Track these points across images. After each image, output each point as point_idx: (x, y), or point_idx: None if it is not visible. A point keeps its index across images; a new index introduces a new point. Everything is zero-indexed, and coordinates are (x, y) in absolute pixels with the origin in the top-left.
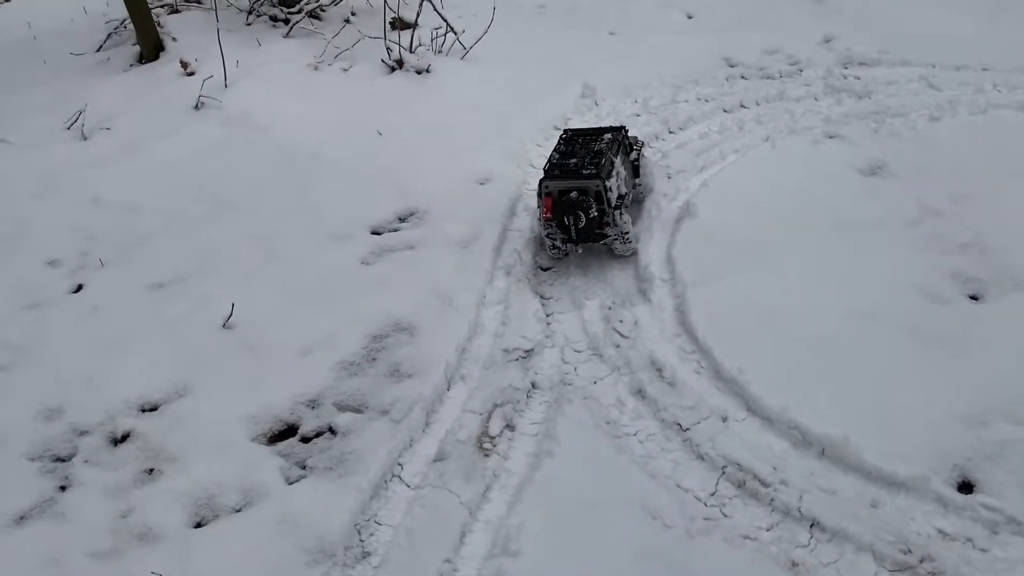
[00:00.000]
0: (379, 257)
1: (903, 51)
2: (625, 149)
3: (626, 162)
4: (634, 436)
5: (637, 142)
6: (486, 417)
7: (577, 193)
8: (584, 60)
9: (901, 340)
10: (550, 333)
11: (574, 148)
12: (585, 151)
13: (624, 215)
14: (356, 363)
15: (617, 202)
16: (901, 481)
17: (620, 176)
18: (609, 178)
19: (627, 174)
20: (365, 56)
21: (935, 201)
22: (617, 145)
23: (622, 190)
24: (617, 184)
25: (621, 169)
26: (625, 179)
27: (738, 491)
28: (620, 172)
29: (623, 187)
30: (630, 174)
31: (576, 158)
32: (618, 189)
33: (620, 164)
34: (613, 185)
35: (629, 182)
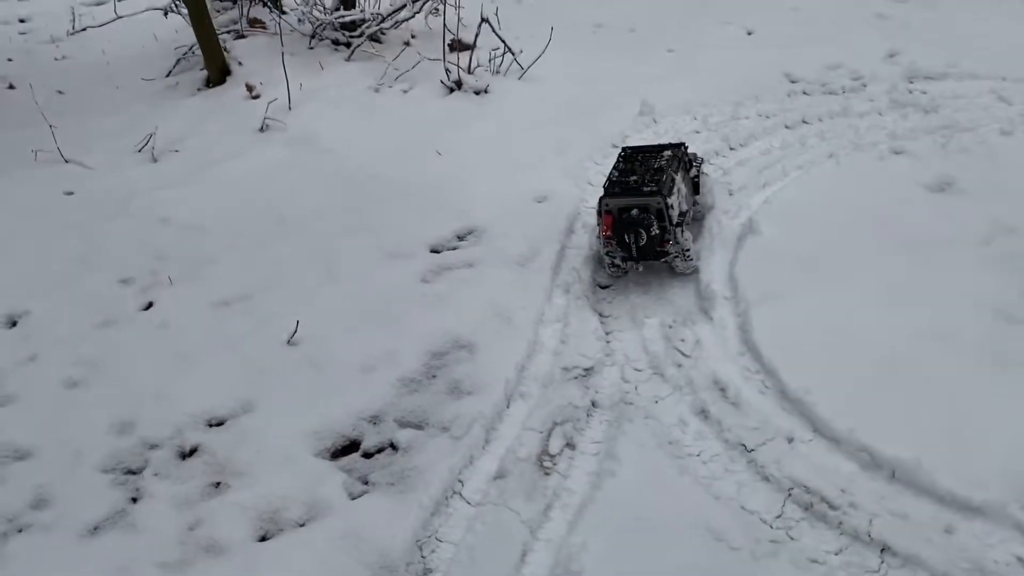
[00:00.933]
0: (438, 275)
1: (971, 64)
2: (685, 166)
3: (686, 179)
4: (697, 457)
5: (697, 159)
6: (546, 435)
7: (638, 211)
8: (642, 77)
9: (973, 361)
10: (610, 351)
11: (634, 165)
12: (645, 168)
13: (685, 232)
14: (416, 380)
15: (678, 219)
16: (977, 506)
17: (681, 193)
18: (670, 195)
19: (687, 191)
20: (425, 78)
21: (1008, 218)
22: (677, 162)
23: (683, 207)
24: (678, 201)
25: (682, 186)
26: (685, 196)
27: (805, 514)
28: (681, 189)
29: (684, 204)
30: (690, 191)
31: (636, 175)
32: (679, 206)
33: (680, 181)
34: (674, 202)
35: (689, 199)
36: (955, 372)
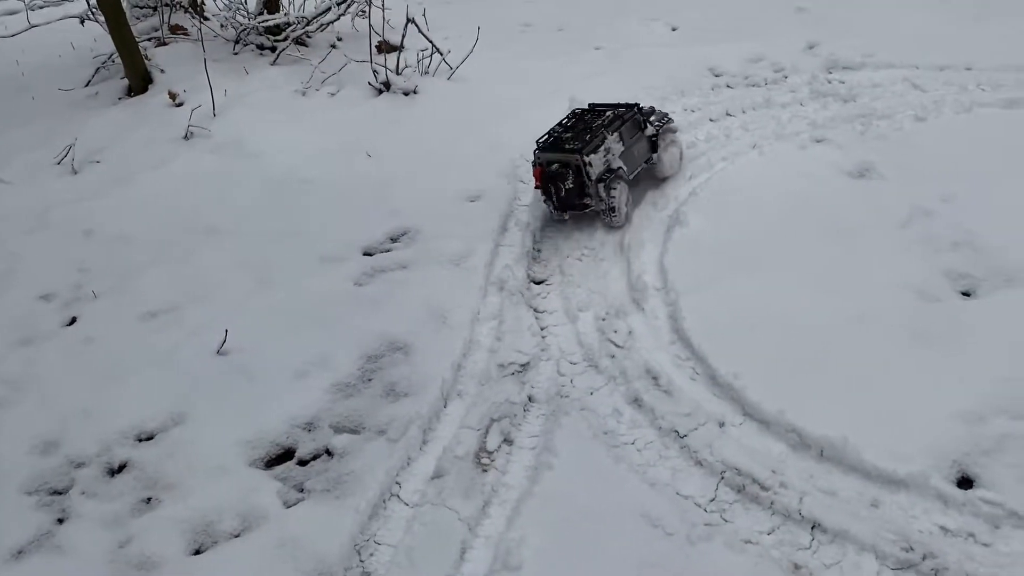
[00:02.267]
0: (372, 278)
1: (887, 54)
2: (637, 125)
3: (637, 138)
4: (632, 445)
5: (664, 120)
6: (483, 433)
7: (558, 166)
8: (571, 75)
9: (896, 340)
10: (545, 346)
11: (575, 123)
12: (583, 127)
13: (614, 189)
14: (352, 384)
15: (604, 176)
16: (901, 479)
17: (611, 152)
18: (592, 153)
19: (630, 150)
20: (352, 80)
21: (925, 201)
22: (620, 122)
23: (613, 165)
24: (606, 159)
25: (615, 145)
26: (623, 155)
27: (738, 496)
28: (611, 148)
29: (616, 162)
30: (641, 150)
31: (571, 132)
32: (606, 164)
33: (614, 140)
34: (597, 160)
35: (635, 158)
36: (879, 352)
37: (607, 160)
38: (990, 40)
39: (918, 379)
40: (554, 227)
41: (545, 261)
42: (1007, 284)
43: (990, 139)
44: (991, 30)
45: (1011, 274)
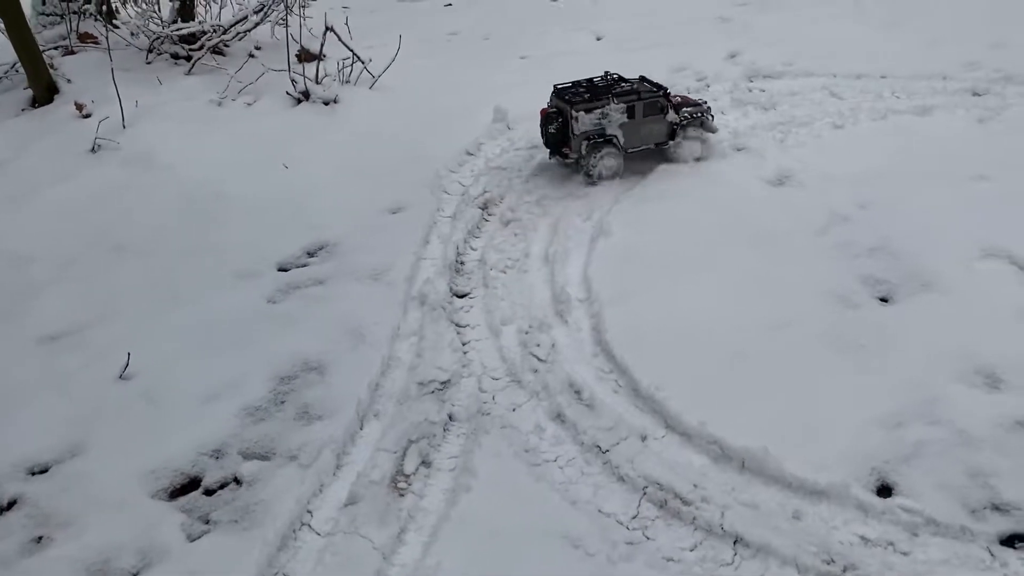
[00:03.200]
0: (287, 295)
1: (806, 62)
2: (656, 107)
3: (653, 119)
4: (554, 462)
5: (696, 115)
6: (400, 455)
7: (556, 111)
8: (496, 85)
9: (816, 347)
10: (467, 362)
11: (595, 84)
12: (602, 89)
13: (597, 151)
14: (263, 407)
15: (591, 136)
16: (822, 489)
17: (609, 118)
18: (584, 111)
19: (637, 126)
20: (270, 90)
21: (842, 207)
22: (634, 96)
23: (607, 130)
24: (599, 122)
25: (615, 114)
26: (625, 126)
27: (660, 511)
28: (610, 116)
29: (612, 129)
30: (654, 131)
31: (585, 89)
32: (597, 127)
33: (618, 110)
34: (586, 119)
35: (641, 135)
36: (798, 359)
37: (600, 124)
38: (904, 49)
39: (838, 386)
40: (478, 239)
41: (469, 274)
42: (923, 289)
43: (904, 146)
44: (904, 39)
45: (927, 279)
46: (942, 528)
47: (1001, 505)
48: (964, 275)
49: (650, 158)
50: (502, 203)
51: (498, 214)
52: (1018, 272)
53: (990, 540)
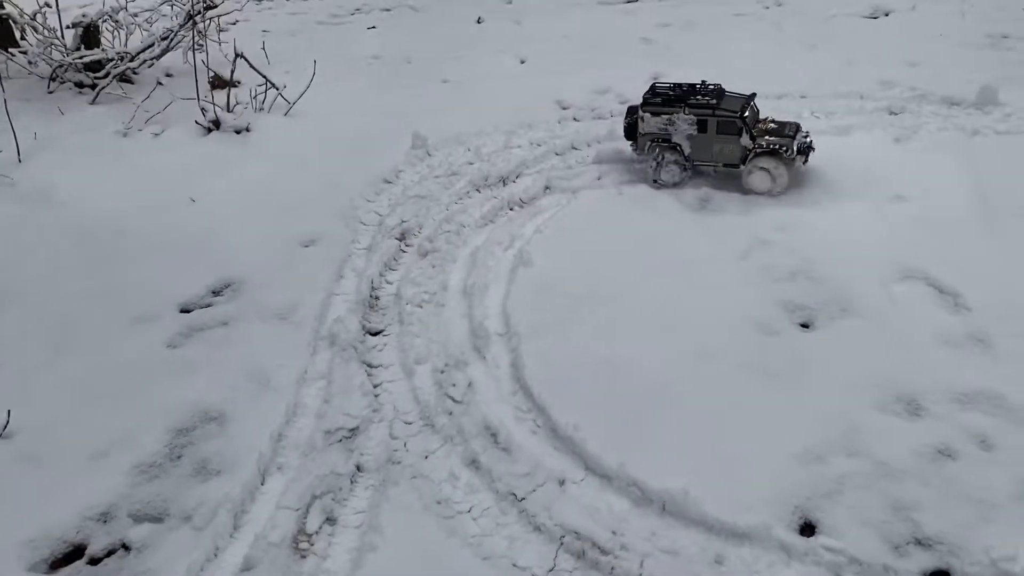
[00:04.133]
0: (187, 338)
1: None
2: (731, 127)
3: (724, 138)
4: (467, 513)
5: (776, 145)
6: (303, 512)
7: (635, 106)
8: (417, 110)
9: (737, 378)
10: (378, 406)
11: (684, 90)
12: (684, 96)
13: (658, 156)
14: (157, 464)
15: (655, 139)
16: (743, 532)
17: (676, 127)
18: (651, 114)
19: (706, 141)
20: (180, 119)
21: (762, 231)
22: (708, 111)
23: (672, 137)
24: (664, 128)
25: (683, 124)
26: (692, 138)
27: (578, 563)
28: (678, 124)
29: (677, 137)
30: (724, 150)
31: (670, 92)
32: (662, 131)
33: (686, 121)
34: (652, 122)
35: (707, 151)
36: (720, 391)
37: (666, 129)
38: (822, 68)
39: (759, 419)
40: (395, 271)
41: (383, 309)
42: (843, 314)
43: (823, 166)
44: (822, 59)
45: (846, 303)
46: (865, 567)
47: (923, 540)
48: (883, 298)
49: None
50: (420, 233)
51: (416, 244)
52: (936, 294)
53: None
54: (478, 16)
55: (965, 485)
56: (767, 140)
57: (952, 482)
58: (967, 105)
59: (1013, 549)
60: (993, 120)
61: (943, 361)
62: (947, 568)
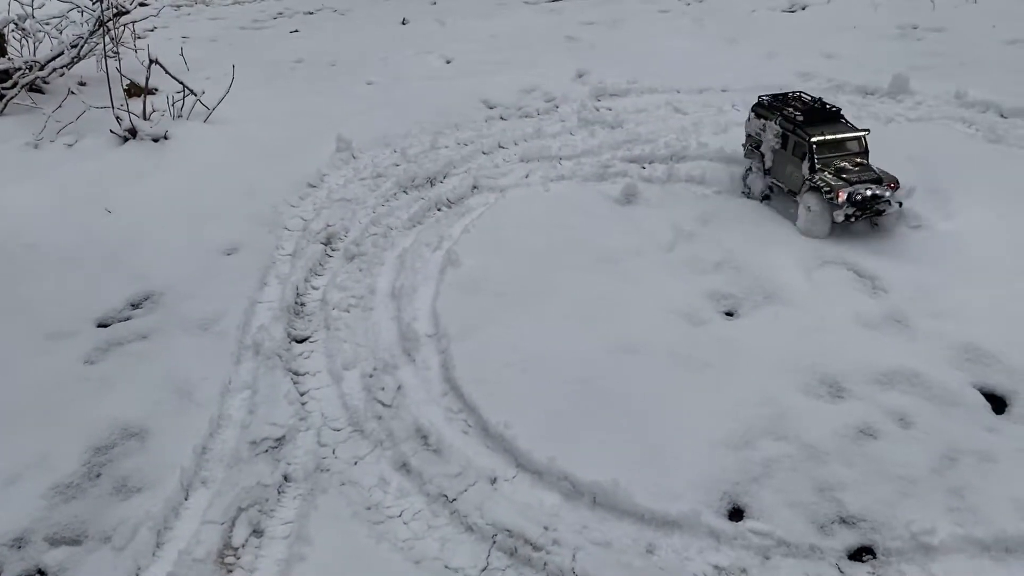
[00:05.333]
0: (105, 353)
1: (651, 79)
2: (802, 154)
3: (794, 162)
4: (398, 518)
5: (844, 189)
6: (229, 526)
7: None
8: (341, 112)
9: (664, 369)
10: (305, 414)
11: (807, 102)
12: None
13: (749, 157)
14: (74, 484)
15: (751, 138)
16: (673, 520)
17: (765, 137)
18: (755, 116)
19: (781, 160)
20: (94, 128)
21: (687, 223)
22: (791, 133)
23: (762, 146)
24: (759, 133)
25: (771, 137)
26: (773, 152)
27: (511, 560)
28: (767, 135)
29: (764, 146)
30: (787, 173)
31: (791, 100)
32: (757, 135)
33: (774, 134)
34: (754, 124)
35: (779, 170)
36: (648, 382)
37: (760, 135)
38: (742, 63)
39: (687, 407)
40: (321, 277)
41: (309, 316)
42: (766, 301)
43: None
44: (743, 53)
45: (769, 290)
46: (792, 548)
47: (847, 518)
48: (805, 284)
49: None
50: (346, 237)
51: (342, 248)
52: (856, 278)
53: (839, 556)
54: (403, 18)
55: (886, 463)
56: (823, 177)
57: (874, 460)
58: (881, 94)
59: (931, 522)
60: (905, 108)
61: (863, 343)
62: (871, 544)
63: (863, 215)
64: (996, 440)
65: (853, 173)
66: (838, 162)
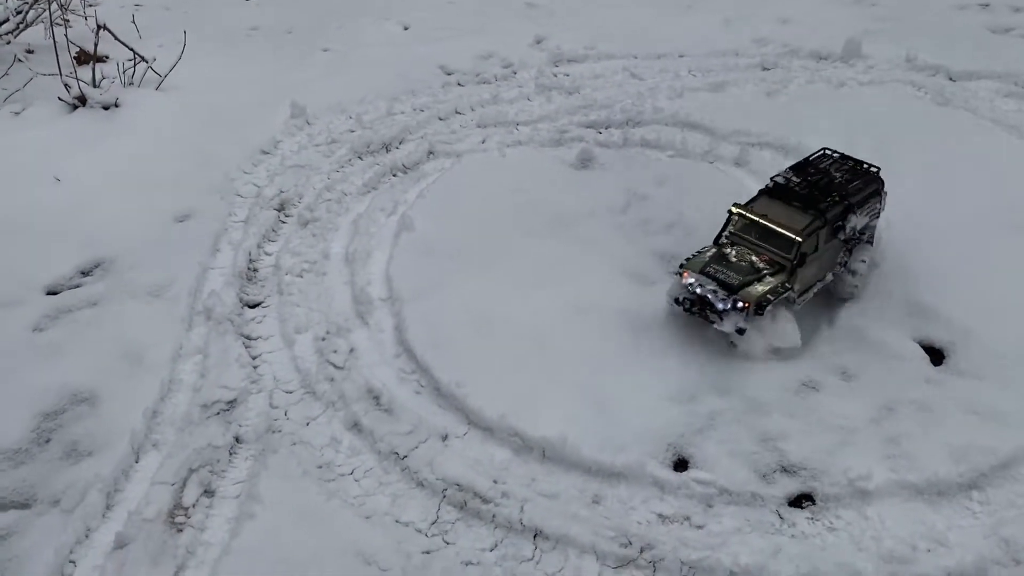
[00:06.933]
0: (55, 320)
1: (608, 45)
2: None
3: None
4: (350, 475)
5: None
6: (180, 486)
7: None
8: (296, 80)
9: (612, 328)
10: (256, 377)
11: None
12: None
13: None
14: (23, 450)
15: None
16: (619, 471)
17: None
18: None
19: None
20: (42, 96)
21: (640, 186)
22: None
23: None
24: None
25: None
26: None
27: (460, 513)
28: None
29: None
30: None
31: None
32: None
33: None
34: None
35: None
36: (596, 341)
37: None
38: (699, 29)
39: (633, 365)
40: (274, 243)
41: (262, 281)
42: None
43: (699, 122)
44: (700, 20)
45: None
46: (735, 496)
47: (788, 467)
48: None
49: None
50: (300, 202)
51: (296, 214)
52: None
53: (779, 503)
54: None
55: (826, 414)
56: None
57: (815, 411)
58: (834, 59)
59: (867, 468)
60: (856, 72)
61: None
62: (810, 491)
63: (691, 310)
64: (933, 391)
65: (736, 269)
66: (749, 251)
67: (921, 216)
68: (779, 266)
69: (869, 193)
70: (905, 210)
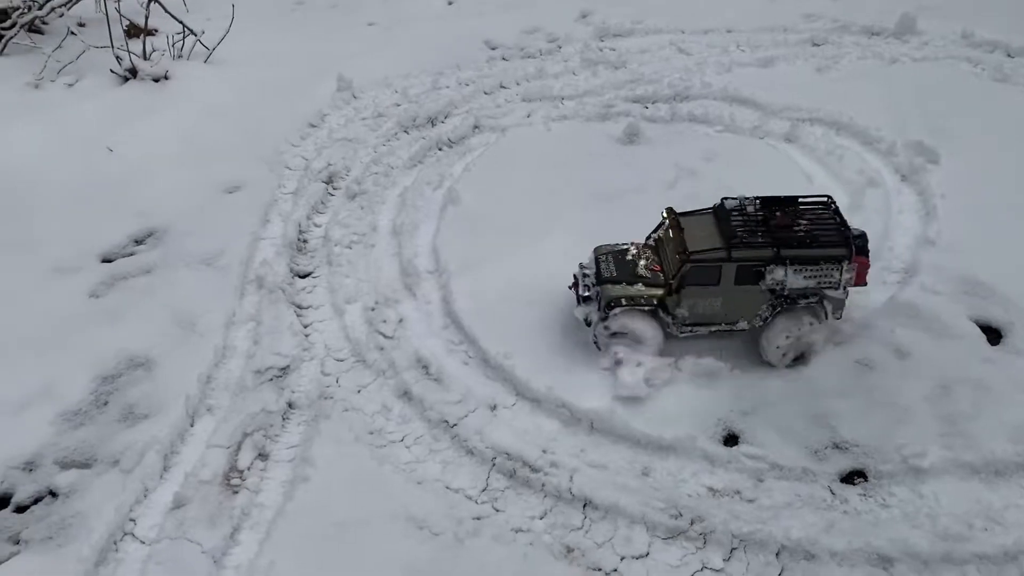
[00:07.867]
0: (111, 287)
1: (655, 19)
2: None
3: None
4: (401, 442)
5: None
6: (235, 450)
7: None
8: (342, 53)
9: None
10: (308, 345)
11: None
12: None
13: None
14: (83, 411)
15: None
16: (669, 444)
17: None
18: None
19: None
20: (94, 69)
21: (689, 161)
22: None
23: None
24: None
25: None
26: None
27: (510, 482)
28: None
29: None
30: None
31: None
32: None
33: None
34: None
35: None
36: None
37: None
38: (747, 4)
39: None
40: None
41: (312, 252)
42: None
43: (748, 97)
44: None
45: None
46: (785, 471)
47: (840, 443)
48: None
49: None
50: (348, 175)
51: (343, 187)
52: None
53: (831, 479)
54: None
55: (881, 392)
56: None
57: (870, 391)
58: (887, 35)
59: (922, 446)
60: (910, 48)
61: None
62: (862, 468)
63: (570, 286)
64: (991, 370)
65: (620, 267)
66: (656, 257)
67: (977, 193)
68: (664, 282)
69: (820, 256)
70: (961, 186)
